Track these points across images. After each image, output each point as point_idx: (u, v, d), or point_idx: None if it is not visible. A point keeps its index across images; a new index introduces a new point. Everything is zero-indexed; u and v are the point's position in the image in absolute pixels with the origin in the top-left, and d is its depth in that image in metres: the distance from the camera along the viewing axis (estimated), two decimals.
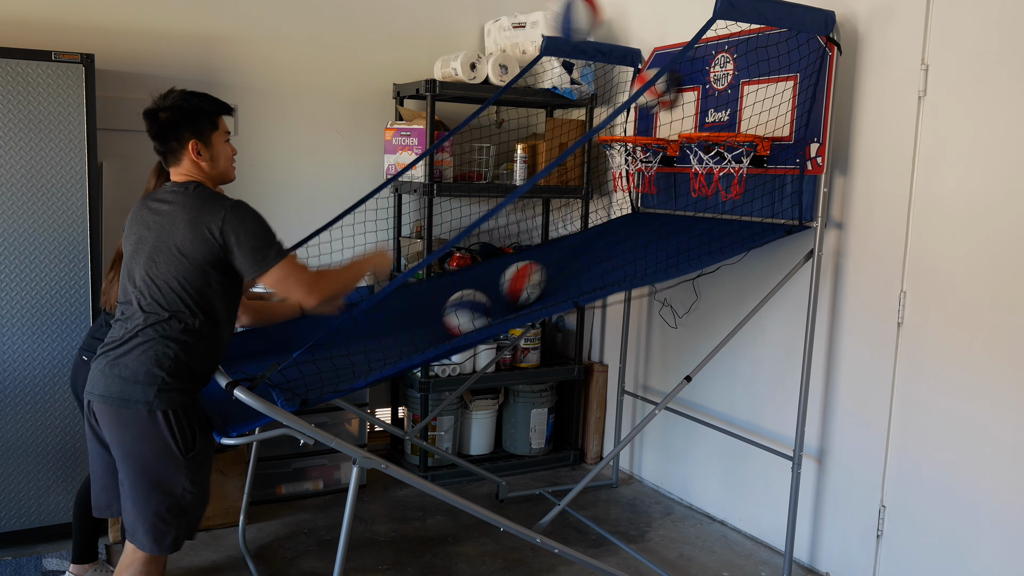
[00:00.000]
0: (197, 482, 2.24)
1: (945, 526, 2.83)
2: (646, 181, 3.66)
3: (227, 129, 2.36)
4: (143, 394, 2.15)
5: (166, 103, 2.26)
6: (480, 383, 4.04)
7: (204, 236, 2.16)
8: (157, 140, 2.29)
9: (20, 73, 2.99)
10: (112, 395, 2.18)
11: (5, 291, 3.06)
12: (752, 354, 3.51)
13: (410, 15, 4.25)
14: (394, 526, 3.56)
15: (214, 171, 2.33)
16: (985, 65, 2.67)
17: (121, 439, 2.20)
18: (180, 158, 2.29)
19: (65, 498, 3.21)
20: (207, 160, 2.30)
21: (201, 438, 2.24)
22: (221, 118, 2.34)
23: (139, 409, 2.15)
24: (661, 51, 3.75)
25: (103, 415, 2.22)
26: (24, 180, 3.04)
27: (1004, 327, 2.64)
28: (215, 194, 2.26)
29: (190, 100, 2.28)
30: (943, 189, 2.80)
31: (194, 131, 2.27)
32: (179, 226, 2.19)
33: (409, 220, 4.30)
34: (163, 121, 2.25)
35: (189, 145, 2.26)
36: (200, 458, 2.24)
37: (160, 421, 2.16)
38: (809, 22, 2.83)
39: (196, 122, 2.27)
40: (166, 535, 2.23)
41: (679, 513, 3.81)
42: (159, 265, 2.20)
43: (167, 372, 2.17)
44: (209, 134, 2.30)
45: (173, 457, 2.19)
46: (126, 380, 2.17)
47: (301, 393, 2.21)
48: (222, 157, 2.34)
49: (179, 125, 2.25)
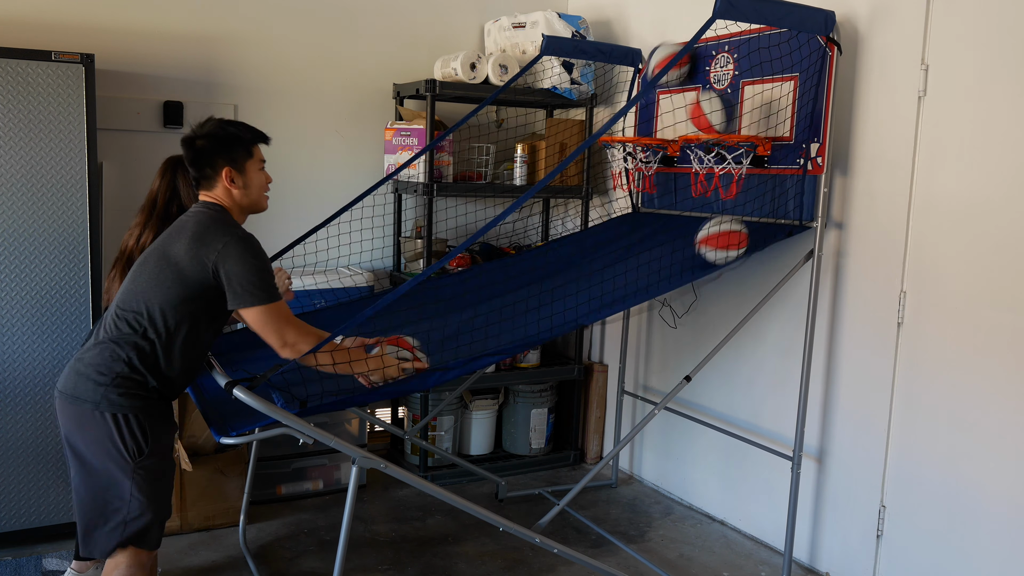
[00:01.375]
0: (145, 489, 2.19)
1: (945, 526, 2.83)
2: (646, 181, 3.66)
3: (262, 157, 2.37)
4: (92, 393, 2.15)
5: (203, 131, 2.28)
6: (480, 383, 4.04)
7: (200, 258, 2.17)
8: (193, 167, 2.31)
9: (20, 73, 2.99)
10: (67, 390, 2.18)
11: (5, 291, 3.06)
12: (752, 354, 3.51)
13: (410, 15, 4.25)
14: (394, 526, 3.56)
15: (245, 199, 2.33)
16: (985, 65, 2.67)
17: (72, 434, 2.20)
18: (214, 184, 2.30)
19: (65, 498, 3.20)
20: (240, 188, 2.31)
21: (156, 443, 2.20)
22: (257, 146, 2.35)
23: (88, 407, 2.15)
24: None
25: (60, 408, 2.23)
26: (24, 180, 3.04)
27: (1004, 327, 2.64)
28: (229, 222, 2.26)
29: (226, 128, 2.30)
30: (943, 189, 2.80)
31: (228, 159, 2.28)
32: (183, 239, 2.20)
33: (409, 220, 4.30)
34: (199, 148, 2.28)
35: (223, 172, 2.28)
36: (152, 465, 2.20)
37: (108, 422, 2.15)
38: (809, 22, 2.83)
39: (231, 150, 2.29)
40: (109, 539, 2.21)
41: (679, 513, 3.81)
42: (147, 266, 2.21)
43: (119, 375, 2.16)
44: (244, 162, 2.31)
45: (121, 460, 2.17)
46: (81, 376, 2.17)
47: (301, 397, 2.20)
48: (255, 186, 2.34)
49: (214, 153, 2.27)
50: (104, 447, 2.16)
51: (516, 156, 4.10)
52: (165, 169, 2.62)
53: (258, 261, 2.20)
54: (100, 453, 2.17)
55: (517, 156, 4.09)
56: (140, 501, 2.20)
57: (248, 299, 2.17)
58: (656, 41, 3.92)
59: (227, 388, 2.13)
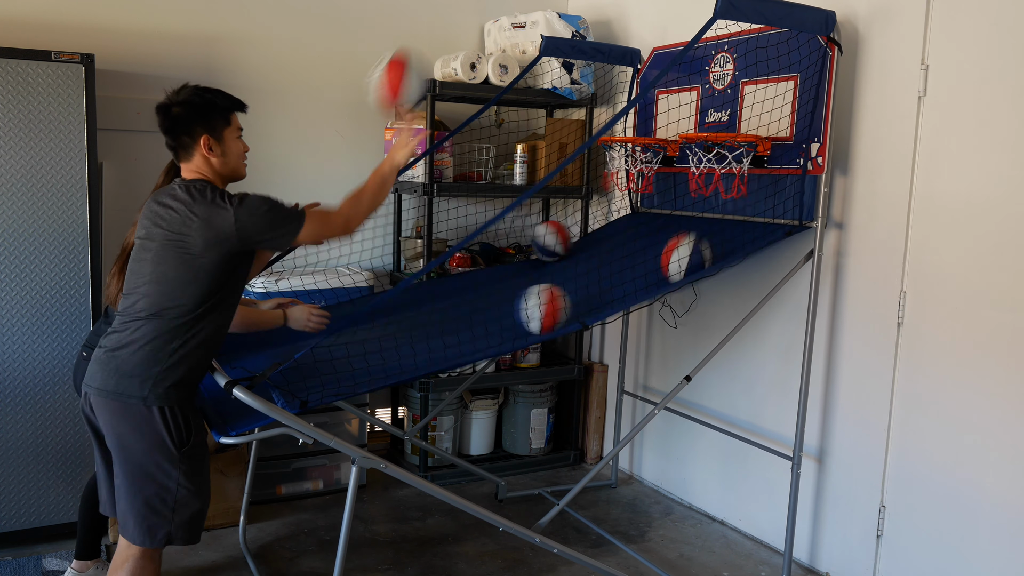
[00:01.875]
0: (192, 478, 2.23)
1: (945, 526, 2.83)
2: (646, 181, 3.66)
3: (239, 126, 2.36)
4: (139, 389, 2.15)
5: (178, 98, 2.26)
6: (480, 383, 4.04)
7: (220, 235, 2.15)
8: (168, 134, 2.28)
9: (20, 73, 2.99)
10: (108, 388, 2.18)
11: (5, 291, 3.06)
12: (752, 354, 3.51)
13: (410, 15, 4.24)
14: (394, 526, 3.56)
15: (225, 168, 2.32)
16: (985, 65, 2.67)
17: (116, 431, 2.20)
18: (191, 153, 2.28)
19: (65, 498, 3.21)
20: (218, 156, 2.29)
21: (197, 434, 2.24)
22: (234, 114, 2.34)
23: (134, 403, 2.16)
24: (661, 51, 3.75)
25: (99, 407, 2.22)
26: (24, 180, 3.04)
27: (1004, 327, 2.64)
28: (223, 193, 2.24)
29: (203, 95, 2.27)
30: (943, 189, 2.80)
31: (206, 126, 2.26)
32: (193, 225, 2.17)
33: (409, 220, 4.30)
34: (175, 116, 2.25)
35: (201, 140, 2.25)
36: (195, 453, 2.24)
37: (156, 415, 2.16)
38: (810, 22, 2.83)
39: (208, 117, 2.27)
40: (157, 529, 2.22)
41: (679, 513, 3.80)
42: (167, 262, 2.19)
43: (164, 368, 2.17)
44: (221, 129, 2.29)
45: (167, 451, 2.18)
46: (123, 374, 2.17)
47: (301, 395, 2.20)
48: (233, 153, 2.33)
49: (191, 120, 2.25)
50: (151, 440, 2.18)
51: (516, 156, 4.10)
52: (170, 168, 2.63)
53: (267, 205, 2.21)
54: (147, 446, 2.18)
55: (517, 156, 4.09)
56: (188, 489, 2.22)
57: (289, 235, 2.23)
58: (656, 41, 3.92)
59: (227, 388, 2.13)
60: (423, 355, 2.49)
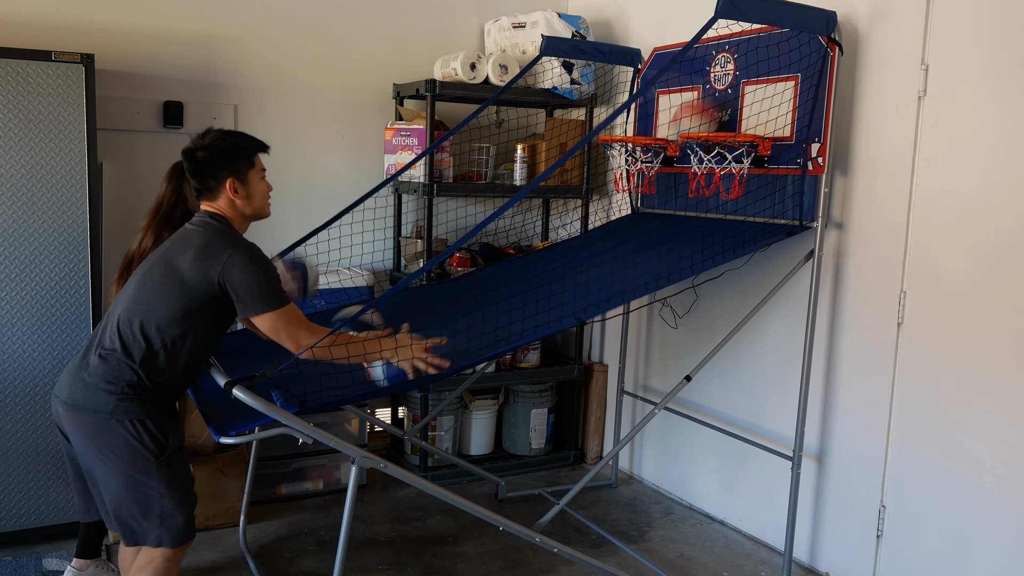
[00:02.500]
0: (173, 484, 2.23)
1: (945, 526, 2.83)
2: (646, 181, 3.65)
3: (263, 167, 2.39)
4: (105, 403, 2.16)
5: (204, 142, 2.30)
6: (480, 383, 4.04)
7: (205, 271, 2.18)
8: (195, 179, 2.32)
9: (20, 73, 2.99)
10: (76, 402, 2.18)
11: (5, 291, 3.06)
12: (752, 354, 3.51)
13: (410, 15, 4.25)
14: (394, 526, 3.56)
15: (248, 208, 2.36)
16: (985, 65, 2.67)
17: (88, 446, 2.20)
18: (216, 195, 2.32)
19: (65, 498, 3.20)
20: (243, 198, 2.33)
21: (173, 440, 2.24)
22: (258, 156, 2.37)
23: (103, 417, 2.16)
24: (661, 51, 3.75)
25: (69, 421, 2.22)
26: (24, 180, 3.04)
27: (1004, 327, 2.64)
28: (232, 233, 2.27)
29: (228, 139, 2.31)
30: (943, 189, 2.80)
31: (231, 170, 2.30)
32: (188, 252, 2.21)
33: (409, 220, 4.30)
34: (201, 160, 2.29)
35: (227, 184, 2.30)
36: (174, 460, 2.24)
37: (127, 428, 2.17)
38: (810, 22, 2.83)
39: (233, 161, 2.31)
40: (148, 532, 2.24)
41: (679, 513, 3.80)
42: (153, 277, 2.22)
43: (128, 383, 2.17)
44: (246, 172, 2.33)
45: (144, 461, 2.19)
46: (89, 387, 2.18)
47: (300, 395, 2.20)
48: (258, 195, 2.37)
49: (217, 164, 2.29)
50: (125, 452, 2.18)
51: (516, 156, 4.10)
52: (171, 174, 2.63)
53: (262, 269, 2.22)
54: (122, 458, 2.18)
55: (517, 156, 4.09)
56: (170, 497, 2.23)
57: (258, 307, 2.19)
58: (656, 41, 3.92)
59: (226, 388, 2.14)
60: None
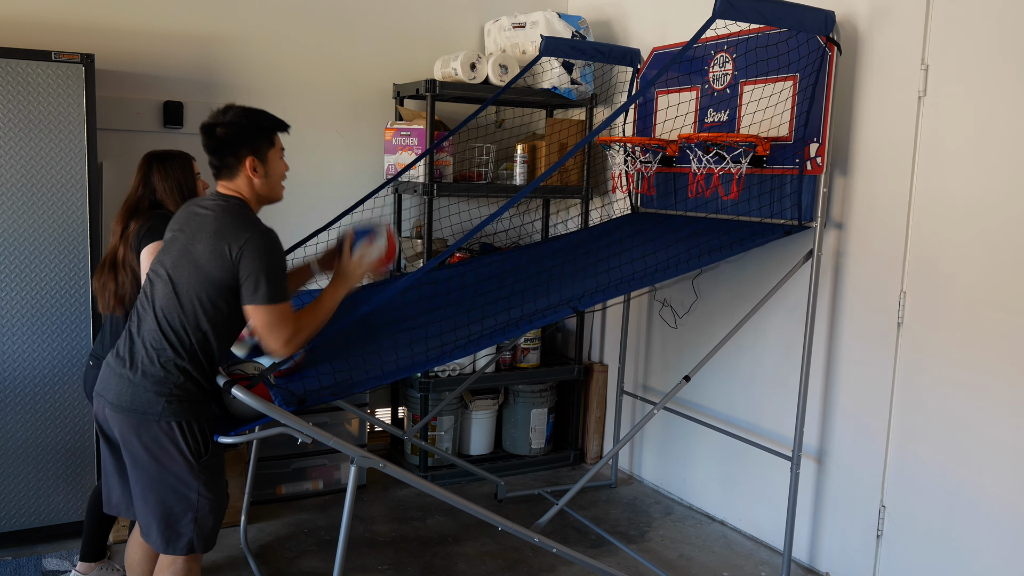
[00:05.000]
0: (211, 486, 2.23)
1: (945, 526, 2.83)
2: (646, 181, 3.66)
3: (282, 146, 2.35)
4: (153, 404, 2.15)
5: (225, 119, 2.24)
6: (480, 383, 4.04)
7: (222, 252, 2.14)
8: (214, 155, 2.26)
9: (20, 73, 2.99)
10: (123, 404, 2.17)
11: (5, 291, 3.06)
12: (752, 354, 3.51)
13: (410, 15, 4.25)
14: (394, 526, 3.56)
15: (265, 188, 2.30)
16: (985, 65, 2.67)
17: (133, 445, 2.20)
18: (235, 173, 2.26)
19: (65, 498, 3.21)
20: (261, 177, 2.27)
21: (214, 443, 2.23)
22: (277, 135, 2.33)
23: (151, 419, 2.15)
24: (660, 51, 3.75)
25: (115, 421, 2.21)
26: (24, 180, 3.04)
27: (1004, 327, 2.64)
28: (250, 215, 2.24)
29: (250, 116, 2.26)
30: (943, 189, 2.80)
31: (252, 148, 2.25)
32: (204, 236, 2.17)
33: (409, 220, 4.30)
34: (221, 137, 2.23)
35: (247, 162, 2.24)
36: (213, 462, 2.24)
37: (174, 430, 2.16)
38: (809, 22, 2.83)
39: (255, 139, 2.25)
40: (179, 538, 2.22)
41: (679, 513, 3.80)
42: (182, 270, 2.19)
43: (177, 385, 2.16)
44: (266, 151, 2.28)
45: (187, 463, 2.18)
46: (137, 388, 2.16)
47: (299, 393, 2.21)
48: (276, 174, 2.32)
49: (237, 141, 2.23)
50: (169, 453, 2.17)
51: (516, 156, 4.10)
52: (141, 164, 2.64)
53: (275, 258, 2.18)
54: (164, 458, 2.18)
55: (517, 156, 4.09)
56: (208, 499, 2.22)
57: (262, 298, 2.15)
58: (656, 41, 3.92)
59: (225, 387, 2.14)
60: (420, 352, 2.49)
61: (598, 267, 3.01)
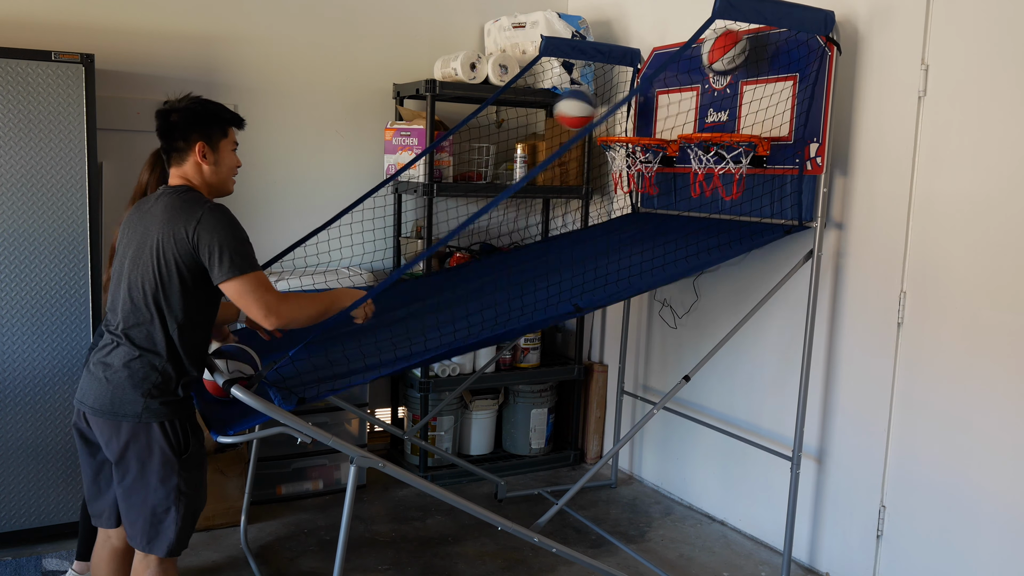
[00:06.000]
0: (191, 482, 2.24)
1: (945, 526, 2.83)
2: (646, 181, 3.65)
3: (236, 140, 2.36)
4: (132, 406, 2.16)
5: (180, 104, 2.27)
6: (480, 383, 4.04)
7: (179, 235, 2.14)
8: (164, 138, 2.28)
9: (20, 73, 2.99)
10: (104, 407, 2.18)
11: (5, 291, 3.06)
12: (752, 354, 3.51)
13: (410, 15, 4.25)
14: (394, 526, 3.56)
15: (214, 177, 2.31)
16: (985, 65, 2.67)
17: (115, 448, 2.20)
18: (184, 158, 2.27)
19: (65, 498, 3.21)
20: (211, 164, 2.28)
21: (193, 439, 2.24)
22: (232, 129, 2.34)
23: (130, 421, 2.16)
24: (661, 51, 3.75)
25: (96, 426, 2.23)
26: (24, 180, 3.04)
27: (1004, 327, 2.64)
28: (199, 198, 2.23)
29: (204, 105, 2.30)
30: (943, 189, 2.80)
31: (203, 134, 2.27)
32: (157, 225, 2.17)
33: (409, 220, 4.30)
34: (173, 121, 2.26)
35: (196, 146, 2.25)
36: (194, 459, 2.25)
37: (154, 430, 2.17)
38: (809, 22, 2.83)
39: (207, 125, 2.28)
40: (163, 537, 2.23)
41: (679, 513, 3.80)
42: (140, 267, 2.19)
43: (154, 385, 2.17)
44: (218, 140, 2.29)
45: (168, 461, 2.19)
46: (116, 390, 2.17)
47: (298, 391, 2.20)
48: (225, 165, 2.32)
49: (189, 125, 2.25)
50: (151, 452, 2.19)
51: (516, 156, 4.10)
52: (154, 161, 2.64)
53: (234, 230, 2.17)
54: (146, 458, 2.19)
55: (517, 156, 4.09)
56: (188, 494, 2.23)
57: (229, 271, 2.13)
58: (656, 41, 3.92)
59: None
60: (419, 345, 2.50)
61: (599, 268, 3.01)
